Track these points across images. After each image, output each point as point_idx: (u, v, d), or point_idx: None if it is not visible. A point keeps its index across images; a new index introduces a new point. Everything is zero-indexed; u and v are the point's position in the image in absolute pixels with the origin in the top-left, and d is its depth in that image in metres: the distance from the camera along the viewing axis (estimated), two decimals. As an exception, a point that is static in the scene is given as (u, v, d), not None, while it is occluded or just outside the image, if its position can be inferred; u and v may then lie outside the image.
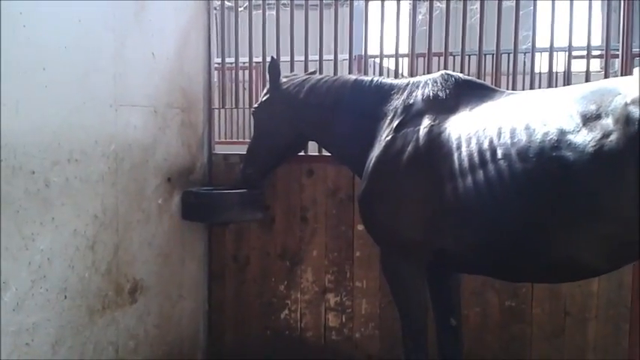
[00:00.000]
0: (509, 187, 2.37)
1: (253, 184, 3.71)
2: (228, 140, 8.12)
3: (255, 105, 3.68)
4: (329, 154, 3.99)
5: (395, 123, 2.89)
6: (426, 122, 2.76)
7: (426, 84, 2.92)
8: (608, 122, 2.14)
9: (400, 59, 4.34)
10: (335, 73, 4.01)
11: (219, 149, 4.33)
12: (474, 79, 2.96)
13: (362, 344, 3.95)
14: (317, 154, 3.98)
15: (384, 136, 2.91)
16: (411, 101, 2.90)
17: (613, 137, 2.10)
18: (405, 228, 2.77)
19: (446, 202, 2.59)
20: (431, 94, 2.85)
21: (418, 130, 2.76)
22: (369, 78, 3.24)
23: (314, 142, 3.77)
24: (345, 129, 3.22)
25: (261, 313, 4.15)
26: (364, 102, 3.14)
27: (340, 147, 3.33)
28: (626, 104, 2.11)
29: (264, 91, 3.66)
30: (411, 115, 2.85)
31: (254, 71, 4.25)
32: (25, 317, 2.61)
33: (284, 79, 3.57)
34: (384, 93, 3.08)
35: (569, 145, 2.20)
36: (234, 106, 4.24)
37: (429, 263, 2.85)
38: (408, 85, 3.01)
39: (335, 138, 3.32)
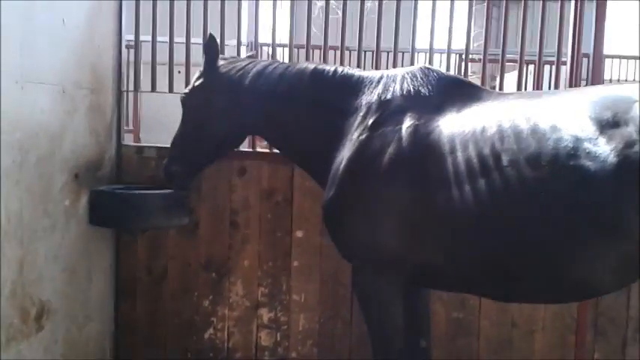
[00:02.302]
0: (517, 197, 2.18)
1: (179, 183, 3.23)
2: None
3: (186, 90, 3.19)
4: (264, 151, 3.64)
5: (370, 120, 2.60)
6: (408, 121, 2.50)
7: (404, 78, 2.67)
8: (629, 131, 2.03)
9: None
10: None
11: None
12: (456, 75, 2.75)
13: (298, 364, 3.61)
14: (250, 150, 3.57)
15: (357, 134, 2.61)
16: (388, 96, 2.63)
17: (637, 148, 1.98)
18: (384, 240, 2.50)
19: (436, 211, 2.36)
20: (412, 89, 2.61)
21: (400, 129, 2.50)
22: (332, 67, 2.92)
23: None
24: (302, 123, 2.88)
25: (181, 333, 3.66)
26: (328, 94, 2.83)
27: (294, 144, 2.97)
28: None
29: (197, 74, 3.18)
30: (389, 113, 2.58)
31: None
32: None
33: (222, 62, 3.13)
34: (352, 85, 2.79)
35: (587, 153, 2.06)
36: (150, 89, 3.63)
37: (406, 279, 2.58)
38: (381, 78, 2.73)
39: (288, 133, 2.96)
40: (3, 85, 2.40)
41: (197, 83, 3.13)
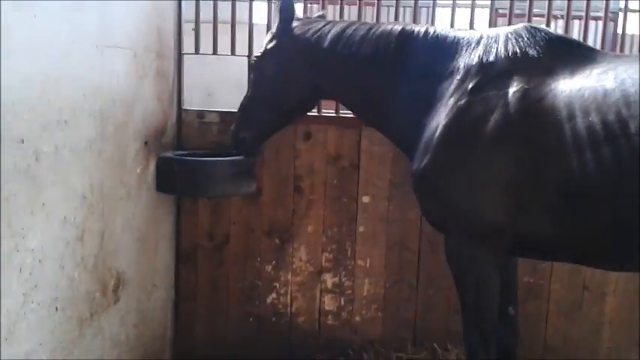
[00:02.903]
0: None
1: (248, 150, 3.14)
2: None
3: (258, 53, 3.06)
4: (330, 115, 3.53)
5: (470, 85, 2.47)
6: (516, 85, 2.38)
7: (507, 38, 2.52)
8: None
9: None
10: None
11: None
12: (564, 35, 2.61)
13: (362, 328, 3.61)
14: (316, 113, 3.45)
15: (455, 99, 2.49)
16: (491, 58, 2.49)
17: None
18: (488, 210, 2.41)
19: (550, 180, 2.26)
20: (518, 50, 2.46)
21: (506, 93, 2.38)
22: (422, 27, 2.77)
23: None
24: (388, 88, 2.76)
25: (243, 298, 3.64)
26: (419, 57, 2.69)
27: (378, 109, 2.85)
28: None
29: (269, 36, 3.06)
30: (492, 76, 2.45)
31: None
32: (17, 347, 1.91)
33: (295, 23, 2.99)
34: (447, 47, 2.65)
35: None
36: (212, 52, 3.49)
37: (505, 249, 2.51)
38: (481, 38, 2.59)
39: (371, 98, 2.84)
40: (85, 51, 2.28)
41: (270, 46, 3.01)
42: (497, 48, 2.51)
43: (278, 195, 3.53)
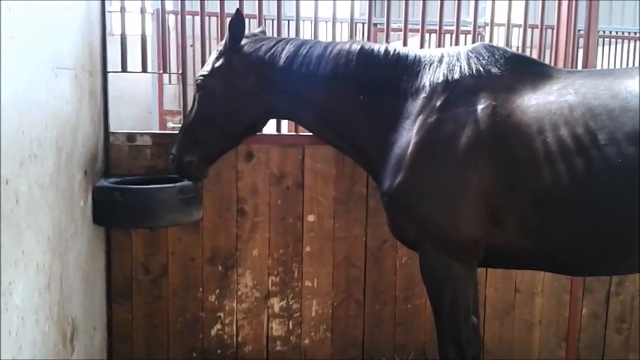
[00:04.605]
0: (617, 174, 2.28)
1: (194, 174, 2.99)
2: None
3: (204, 71, 2.92)
4: (272, 134, 3.46)
5: (437, 102, 2.57)
6: (484, 102, 2.51)
7: (469, 57, 2.65)
8: None
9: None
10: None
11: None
12: (518, 52, 2.77)
13: (311, 351, 3.59)
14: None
15: (424, 117, 2.58)
16: (456, 76, 2.61)
17: None
18: (463, 224, 2.52)
19: (523, 193, 2.41)
20: (481, 68, 2.60)
21: (475, 110, 2.50)
22: (381, 46, 2.82)
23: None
24: (350, 106, 2.79)
25: (185, 332, 3.44)
26: (381, 75, 2.74)
27: (340, 127, 2.85)
28: None
29: (216, 54, 2.94)
30: (458, 93, 2.57)
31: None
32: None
33: (245, 41, 2.92)
34: (410, 65, 2.73)
35: None
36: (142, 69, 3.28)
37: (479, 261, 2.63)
38: (442, 57, 2.69)
39: (332, 116, 2.84)
40: (45, 74, 2.04)
41: (218, 64, 2.90)
42: (460, 66, 2.64)
43: (220, 219, 3.40)
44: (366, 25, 6.13)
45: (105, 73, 3.21)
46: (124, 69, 3.31)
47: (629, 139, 2.27)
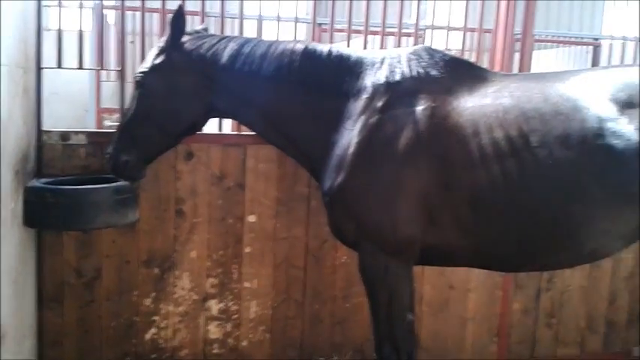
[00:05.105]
0: (548, 176, 2.41)
1: (131, 174, 2.92)
2: None
3: (144, 69, 2.85)
4: (213, 133, 3.42)
5: (379, 103, 2.63)
6: (423, 103, 2.59)
7: (409, 59, 2.71)
8: None
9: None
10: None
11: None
12: (457, 55, 2.85)
13: (249, 353, 3.58)
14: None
15: (365, 117, 2.64)
16: (397, 78, 2.67)
17: None
18: (402, 223, 2.59)
19: (459, 193, 2.50)
20: (422, 70, 2.67)
21: (414, 111, 2.58)
22: (324, 47, 2.84)
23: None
24: (293, 106, 2.81)
25: (118, 337, 3.35)
26: (324, 76, 2.78)
27: (282, 127, 2.86)
28: None
29: (156, 51, 2.87)
30: (399, 95, 2.64)
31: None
32: None
33: (186, 38, 2.87)
34: (352, 66, 2.78)
35: (613, 133, 2.34)
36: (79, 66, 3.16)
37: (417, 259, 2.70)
38: (384, 59, 2.74)
39: (275, 116, 2.85)
40: None
41: (158, 61, 2.84)
42: (401, 68, 2.71)
43: (157, 221, 3.32)
44: (310, 25, 6.15)
45: (39, 69, 3.07)
46: (59, 65, 3.18)
47: (559, 141, 2.40)
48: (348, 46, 3.41)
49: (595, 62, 7.26)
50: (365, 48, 3.57)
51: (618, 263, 4.08)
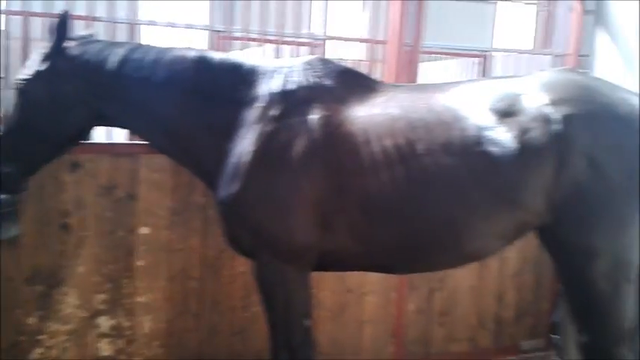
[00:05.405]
0: (433, 182, 2.51)
1: (13, 186, 2.75)
2: None
3: (25, 76, 2.71)
4: (101, 142, 3.28)
5: (273, 111, 2.64)
6: (317, 112, 2.62)
7: (304, 69, 2.74)
8: (523, 120, 2.51)
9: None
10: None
11: None
12: (349, 66, 2.90)
13: (143, 368, 3.44)
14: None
15: (260, 126, 2.63)
16: (292, 87, 2.68)
17: (532, 134, 2.47)
18: (297, 231, 2.61)
19: (352, 200, 2.57)
20: (315, 80, 2.71)
21: (308, 121, 2.62)
22: (217, 54, 2.82)
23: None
24: (185, 114, 2.77)
25: (1, 358, 3.13)
26: (217, 83, 2.76)
27: (174, 135, 2.80)
28: (543, 105, 2.49)
29: (39, 56, 2.74)
30: (294, 104, 2.66)
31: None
32: None
33: (71, 43, 2.78)
34: (245, 75, 2.77)
35: (491, 140, 2.46)
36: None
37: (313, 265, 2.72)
38: (279, 68, 2.76)
39: (166, 124, 2.79)
40: None
41: (41, 67, 2.70)
42: (296, 78, 2.73)
43: (41, 235, 3.16)
44: (208, 33, 6.04)
45: None
46: None
47: (442, 149, 2.52)
48: (246, 54, 3.40)
49: (485, 74, 7.64)
50: (262, 56, 3.58)
51: (505, 262, 4.32)
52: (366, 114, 2.64)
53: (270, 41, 3.89)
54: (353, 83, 2.77)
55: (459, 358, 4.26)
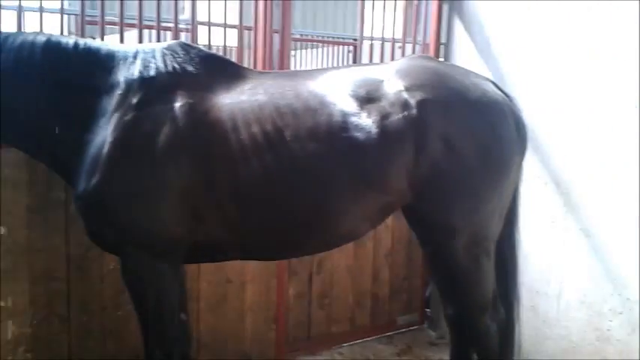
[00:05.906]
0: (301, 167, 2.53)
1: None
2: None
3: None
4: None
5: (133, 99, 2.54)
6: (180, 100, 2.55)
7: (164, 54, 2.65)
8: (383, 105, 2.58)
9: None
10: None
11: None
12: (214, 52, 2.83)
13: (9, 377, 3.22)
14: None
15: (120, 115, 2.52)
16: (151, 73, 2.59)
17: (392, 119, 2.55)
18: (166, 224, 2.53)
19: (222, 189, 2.52)
20: (177, 66, 2.63)
21: (172, 108, 2.54)
22: (69, 39, 2.65)
23: None
24: (35, 104, 2.59)
25: None
26: (71, 70, 2.60)
27: (23, 127, 2.62)
28: (400, 91, 2.57)
29: None
30: (155, 91, 2.57)
31: None
32: None
33: None
34: (103, 60, 2.64)
35: (355, 126, 2.53)
36: None
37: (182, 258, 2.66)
38: (137, 53, 2.64)
39: (13, 114, 2.60)
40: None
41: None
42: (156, 63, 2.64)
43: None
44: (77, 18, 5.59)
45: None
46: None
47: (310, 135, 2.54)
48: (102, 39, 3.24)
49: (356, 61, 7.83)
50: (121, 42, 3.41)
51: (379, 242, 4.48)
52: (232, 101, 2.60)
53: (132, 25, 3.69)
54: (218, 69, 2.72)
55: (339, 338, 4.38)
